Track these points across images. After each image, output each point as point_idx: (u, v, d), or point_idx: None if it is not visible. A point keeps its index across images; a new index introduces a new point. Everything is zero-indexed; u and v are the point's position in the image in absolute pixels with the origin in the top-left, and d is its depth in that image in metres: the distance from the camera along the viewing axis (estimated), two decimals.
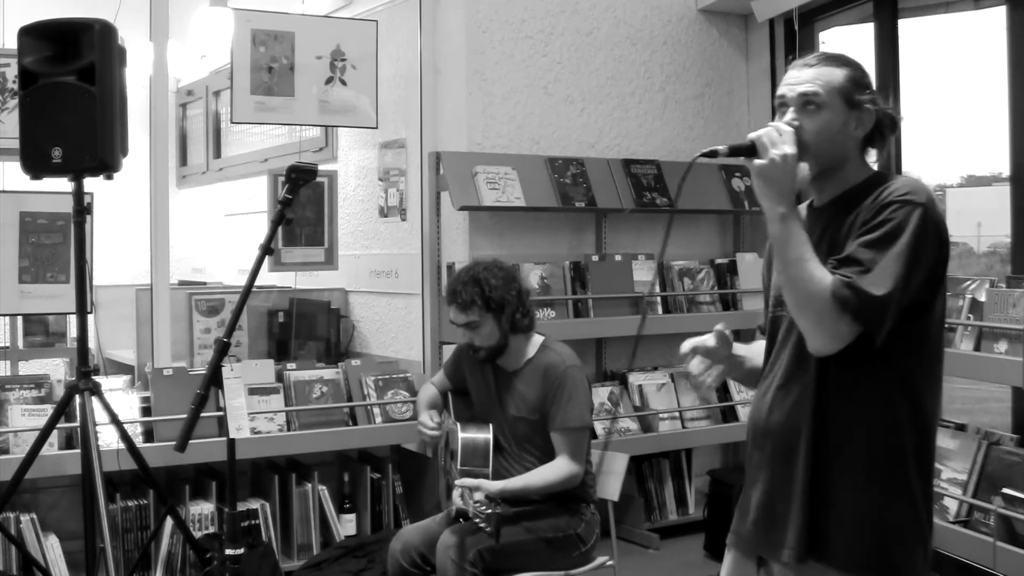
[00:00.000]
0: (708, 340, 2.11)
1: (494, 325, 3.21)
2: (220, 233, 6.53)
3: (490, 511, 2.85)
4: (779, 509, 2.01)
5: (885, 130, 2.02)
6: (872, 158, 2.05)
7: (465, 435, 3.23)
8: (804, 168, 1.99)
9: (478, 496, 2.92)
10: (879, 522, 1.91)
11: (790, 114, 1.99)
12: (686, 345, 2.12)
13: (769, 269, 2.19)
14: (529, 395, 3.21)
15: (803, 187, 2.04)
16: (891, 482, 1.92)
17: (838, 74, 1.98)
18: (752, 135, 1.97)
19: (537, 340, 3.30)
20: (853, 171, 2.01)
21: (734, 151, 2.00)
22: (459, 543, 3.02)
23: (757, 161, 1.95)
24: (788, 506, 1.98)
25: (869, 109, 1.98)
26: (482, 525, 2.86)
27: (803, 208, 2.11)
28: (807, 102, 1.98)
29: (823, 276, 1.87)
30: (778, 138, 1.94)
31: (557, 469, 3.13)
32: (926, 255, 1.86)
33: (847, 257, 1.88)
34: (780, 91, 2.03)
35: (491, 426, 3.27)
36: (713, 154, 2.00)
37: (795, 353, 2.00)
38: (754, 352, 2.21)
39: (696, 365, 2.12)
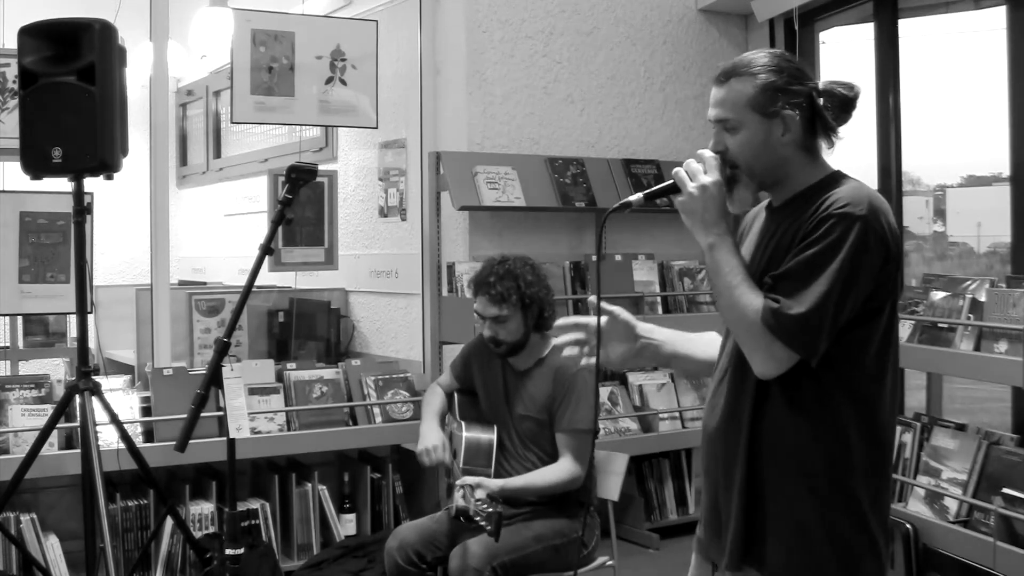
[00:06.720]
0: (580, 317, 2.15)
1: (521, 321, 3.21)
2: (220, 233, 6.53)
3: (491, 510, 2.85)
4: (723, 515, 1.99)
5: (827, 118, 1.93)
6: (827, 149, 1.97)
7: (469, 435, 3.23)
8: (744, 190, 1.95)
9: (479, 494, 2.92)
10: (816, 532, 1.86)
11: (714, 138, 1.96)
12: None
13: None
14: (538, 395, 3.21)
15: (744, 208, 2.00)
16: (832, 492, 1.87)
17: (747, 88, 1.91)
18: (674, 171, 1.95)
19: (552, 340, 3.30)
20: (800, 174, 1.95)
21: (651, 196, 1.99)
22: (472, 558, 2.99)
23: (678, 199, 1.94)
24: (729, 512, 1.96)
25: (789, 113, 1.90)
26: (482, 523, 2.86)
27: (763, 208, 2.07)
28: (723, 125, 1.95)
29: (752, 301, 1.85)
30: (698, 169, 1.92)
31: (560, 470, 3.13)
32: (866, 268, 1.81)
33: (782, 274, 1.85)
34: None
35: (495, 427, 3.26)
36: (627, 205, 1.99)
37: (740, 354, 1.94)
38: (687, 341, 2.18)
39: (566, 340, 2.13)
